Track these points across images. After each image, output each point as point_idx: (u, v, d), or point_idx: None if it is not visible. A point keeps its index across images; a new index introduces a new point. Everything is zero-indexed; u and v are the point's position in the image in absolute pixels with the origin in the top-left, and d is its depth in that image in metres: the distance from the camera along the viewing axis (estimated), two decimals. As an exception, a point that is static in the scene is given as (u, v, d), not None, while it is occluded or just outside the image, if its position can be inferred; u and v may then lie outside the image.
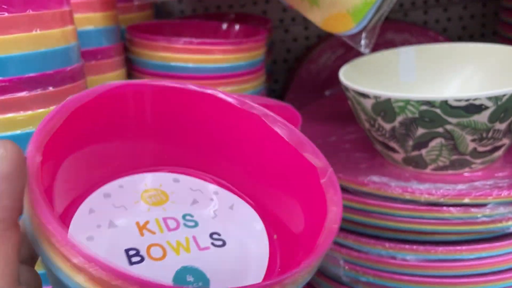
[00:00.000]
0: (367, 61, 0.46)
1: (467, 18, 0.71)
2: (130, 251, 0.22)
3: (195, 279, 0.22)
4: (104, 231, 0.23)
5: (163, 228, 0.23)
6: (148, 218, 0.23)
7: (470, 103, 0.34)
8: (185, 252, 0.22)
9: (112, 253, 0.22)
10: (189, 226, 0.24)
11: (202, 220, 0.24)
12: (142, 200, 0.24)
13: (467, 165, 0.38)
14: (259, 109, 0.25)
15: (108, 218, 0.23)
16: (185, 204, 0.25)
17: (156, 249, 0.22)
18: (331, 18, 0.42)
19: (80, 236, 0.22)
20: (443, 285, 0.36)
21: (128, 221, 0.23)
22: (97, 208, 0.23)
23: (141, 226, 0.23)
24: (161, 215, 0.24)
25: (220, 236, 0.24)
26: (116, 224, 0.23)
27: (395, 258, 0.37)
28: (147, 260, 0.22)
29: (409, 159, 0.39)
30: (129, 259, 0.22)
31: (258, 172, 0.25)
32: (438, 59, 0.48)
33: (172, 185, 0.26)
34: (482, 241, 0.36)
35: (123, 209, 0.24)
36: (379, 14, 0.42)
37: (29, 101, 0.30)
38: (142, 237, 0.23)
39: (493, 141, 0.36)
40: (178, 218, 0.24)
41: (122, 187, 0.25)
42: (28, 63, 0.30)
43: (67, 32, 0.32)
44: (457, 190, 0.35)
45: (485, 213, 0.34)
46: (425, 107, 0.35)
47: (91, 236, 0.22)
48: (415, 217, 0.36)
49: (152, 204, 0.24)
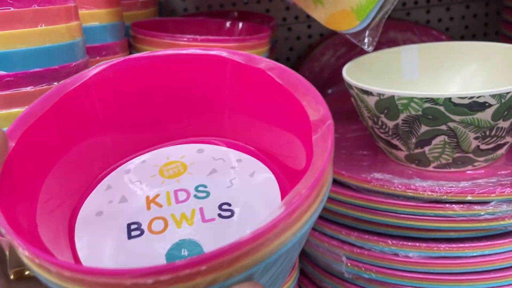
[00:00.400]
0: (370, 59, 0.46)
1: (470, 17, 0.71)
2: (132, 225, 0.22)
3: (190, 253, 0.21)
4: (114, 206, 0.23)
5: (172, 200, 0.23)
6: (159, 192, 0.23)
7: (474, 100, 0.34)
8: (186, 225, 0.22)
9: (114, 228, 0.22)
10: (199, 197, 0.23)
11: (215, 190, 0.24)
12: (159, 174, 0.24)
13: (470, 163, 0.38)
14: (265, 63, 0.24)
15: (121, 194, 0.23)
16: (202, 174, 0.25)
17: (158, 222, 0.22)
18: (335, 16, 0.42)
19: (90, 212, 0.22)
20: (445, 282, 0.36)
21: (139, 196, 0.23)
22: (115, 184, 0.24)
23: (150, 200, 0.23)
24: (174, 187, 0.24)
25: (230, 206, 0.23)
26: (127, 199, 0.23)
27: (398, 255, 0.37)
28: (146, 233, 0.22)
29: (412, 156, 0.39)
30: (128, 233, 0.22)
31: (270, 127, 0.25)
32: (440, 57, 0.48)
33: (194, 156, 0.25)
34: (485, 238, 0.36)
35: (137, 184, 0.24)
36: (383, 12, 0.42)
37: (34, 96, 0.30)
38: (147, 211, 0.23)
39: (496, 139, 0.37)
40: (189, 190, 0.24)
41: (144, 162, 0.25)
42: (33, 58, 0.30)
43: (72, 28, 0.32)
44: (460, 187, 0.35)
45: (488, 211, 0.34)
46: (428, 104, 0.35)
47: (100, 211, 0.23)
48: (418, 214, 0.36)
49: (167, 177, 0.24)
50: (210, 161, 0.25)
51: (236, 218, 0.22)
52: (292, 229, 0.16)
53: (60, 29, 0.31)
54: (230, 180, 0.24)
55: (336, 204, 0.39)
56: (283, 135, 0.24)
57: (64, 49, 0.31)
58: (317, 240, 0.41)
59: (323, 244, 0.41)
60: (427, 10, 0.70)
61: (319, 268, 0.43)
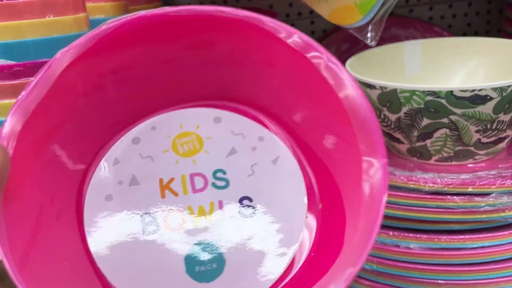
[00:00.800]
0: (373, 54, 0.47)
1: (472, 14, 0.71)
2: (146, 218, 0.21)
3: (210, 259, 0.20)
4: (124, 189, 0.21)
5: (188, 188, 0.21)
6: (174, 175, 0.21)
7: (475, 93, 0.34)
8: (205, 222, 0.21)
9: (127, 219, 0.20)
10: (218, 186, 0.22)
11: (235, 179, 0.22)
12: (172, 148, 0.22)
13: (471, 156, 0.39)
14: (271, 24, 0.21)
15: (132, 172, 0.21)
16: (220, 154, 0.22)
17: (174, 217, 0.21)
18: (338, 10, 0.42)
19: (99, 195, 0.21)
20: (446, 273, 0.37)
21: (152, 177, 0.21)
22: (123, 157, 0.21)
23: (165, 185, 0.21)
24: (189, 170, 0.22)
25: (251, 202, 0.21)
26: (138, 181, 0.21)
27: (399, 246, 0.37)
28: (162, 230, 0.20)
29: (413, 150, 0.39)
30: (143, 228, 0.20)
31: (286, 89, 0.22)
32: (443, 53, 0.48)
33: (211, 126, 0.22)
34: (485, 230, 0.36)
35: (149, 160, 0.22)
36: (386, 7, 0.42)
37: (42, 85, 0.31)
38: (162, 200, 0.21)
39: (497, 132, 0.37)
40: (207, 176, 0.22)
41: (154, 129, 0.22)
42: (41, 49, 0.30)
43: (80, 19, 0.33)
44: (461, 179, 0.35)
45: (489, 202, 0.35)
46: (430, 97, 0.35)
47: (110, 195, 0.21)
48: (419, 206, 0.36)
49: (182, 154, 0.22)
50: (228, 137, 0.22)
51: (258, 219, 0.21)
52: None
53: (68, 20, 0.32)
54: (251, 166, 0.22)
55: (338, 196, 0.40)
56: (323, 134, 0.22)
57: (72, 40, 0.32)
58: (319, 232, 0.42)
59: (325, 236, 0.41)
60: (430, 7, 0.71)
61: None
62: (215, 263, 0.20)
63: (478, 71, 0.47)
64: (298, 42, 0.21)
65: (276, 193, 0.22)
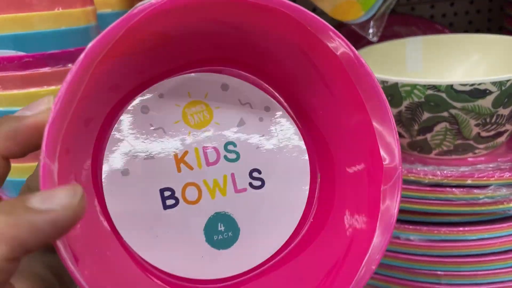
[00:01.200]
0: (374, 50, 0.47)
1: (474, 12, 0.72)
2: (165, 192, 0.22)
3: (226, 228, 0.22)
4: (140, 164, 0.21)
5: (202, 162, 0.22)
6: (188, 148, 0.22)
7: (475, 87, 0.35)
8: (220, 195, 0.22)
9: (147, 194, 0.21)
10: (229, 159, 0.23)
11: (245, 152, 0.23)
12: (183, 119, 0.22)
13: (471, 150, 0.39)
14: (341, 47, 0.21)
15: (145, 146, 0.22)
16: (230, 126, 0.23)
17: (191, 190, 0.22)
18: (341, 6, 0.43)
19: (115, 169, 0.21)
20: (446, 264, 0.37)
21: (166, 151, 0.22)
22: (134, 128, 0.22)
23: (179, 158, 0.22)
24: (202, 143, 0.22)
25: (260, 174, 0.23)
26: (153, 155, 0.22)
27: (399, 238, 0.38)
28: (182, 203, 0.22)
29: (414, 143, 0.40)
30: (163, 202, 0.21)
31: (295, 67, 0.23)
32: (444, 49, 0.49)
33: (219, 94, 0.23)
34: (484, 222, 0.37)
35: (161, 132, 0.22)
36: (388, 3, 0.43)
37: (51, 76, 0.31)
38: (179, 174, 0.22)
39: (496, 126, 0.38)
40: (219, 149, 0.23)
41: (162, 96, 0.22)
42: (50, 40, 0.31)
43: (88, 12, 0.33)
44: (460, 172, 0.36)
45: (487, 195, 0.35)
46: (431, 91, 0.36)
47: (126, 169, 0.21)
48: (419, 198, 0.37)
49: (194, 125, 0.23)
50: (236, 106, 0.23)
51: (266, 189, 0.23)
52: None
53: (76, 13, 0.32)
54: (259, 138, 0.23)
55: (340, 189, 0.40)
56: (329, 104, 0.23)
57: (80, 32, 0.33)
58: (321, 224, 0.43)
59: (326, 228, 0.42)
60: (432, 5, 0.71)
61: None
62: (231, 231, 0.22)
63: (478, 67, 0.47)
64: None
65: (281, 164, 0.23)
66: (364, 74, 0.21)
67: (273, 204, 0.23)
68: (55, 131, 0.17)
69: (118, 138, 0.21)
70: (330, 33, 0.21)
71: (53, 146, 0.17)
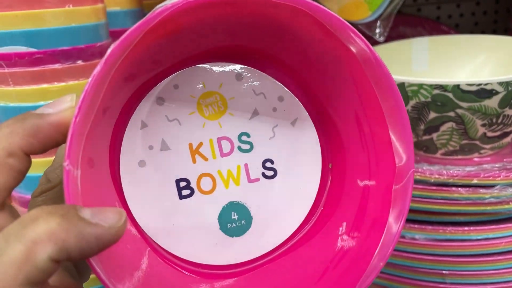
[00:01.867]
0: (381, 50, 0.48)
1: (480, 14, 0.72)
2: (181, 182, 0.22)
3: (239, 217, 0.23)
4: (156, 155, 0.22)
5: (216, 152, 0.23)
6: (202, 139, 0.23)
7: (482, 87, 0.35)
8: (234, 185, 0.23)
9: (163, 184, 0.22)
10: (243, 150, 0.23)
11: (258, 142, 0.24)
12: (198, 110, 0.23)
13: (477, 150, 0.39)
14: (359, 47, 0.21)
15: (161, 136, 0.22)
16: (244, 116, 0.23)
17: (206, 181, 0.23)
18: (348, 6, 0.43)
19: (132, 160, 0.22)
20: (451, 263, 0.37)
21: (182, 142, 0.22)
22: (150, 121, 0.22)
23: (194, 150, 0.23)
24: (216, 134, 0.23)
25: (272, 164, 0.24)
26: (169, 146, 0.22)
27: (405, 237, 0.38)
28: (197, 193, 0.23)
29: (420, 143, 0.40)
30: (179, 192, 0.22)
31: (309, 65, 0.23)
32: (450, 50, 0.49)
33: (233, 85, 0.23)
34: (489, 222, 0.37)
35: (176, 123, 0.22)
36: (394, 3, 0.43)
37: (62, 72, 0.32)
38: (194, 165, 0.23)
39: (502, 127, 0.38)
40: (233, 139, 0.23)
41: (177, 87, 0.22)
42: (61, 37, 0.32)
43: (98, 10, 0.34)
44: (466, 171, 0.36)
45: (493, 194, 0.35)
46: (437, 91, 0.36)
47: (143, 160, 0.22)
48: (425, 197, 0.37)
49: (208, 117, 0.23)
50: (250, 96, 0.23)
51: (278, 179, 0.24)
52: None
53: (86, 10, 0.33)
54: (272, 128, 0.24)
55: (345, 187, 0.41)
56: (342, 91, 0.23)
57: (90, 29, 0.33)
58: (326, 223, 0.43)
59: (331, 227, 0.42)
60: (438, 6, 0.71)
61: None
62: (244, 219, 0.23)
63: (484, 68, 0.47)
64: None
65: (294, 154, 0.24)
66: (382, 74, 0.21)
67: (285, 193, 0.24)
68: (78, 135, 0.17)
69: (134, 130, 0.22)
70: (349, 33, 0.21)
71: (77, 151, 0.17)
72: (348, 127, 0.23)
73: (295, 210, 0.24)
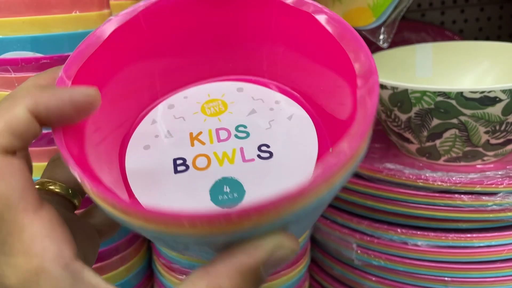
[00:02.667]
0: (384, 56, 0.48)
1: (484, 19, 0.72)
2: (177, 160, 0.24)
3: (231, 190, 0.23)
4: (160, 141, 0.25)
5: (214, 139, 0.25)
6: (202, 129, 0.25)
7: (485, 95, 0.35)
8: (228, 163, 0.24)
9: (162, 162, 0.24)
10: (239, 137, 0.25)
11: (255, 131, 0.25)
12: (201, 111, 0.26)
13: (480, 157, 0.39)
14: (314, 8, 0.24)
15: (167, 129, 0.25)
16: (242, 114, 0.26)
17: (201, 159, 0.24)
18: (352, 12, 0.43)
19: (138, 145, 0.24)
20: (453, 270, 0.37)
21: (184, 131, 0.25)
22: (159, 118, 0.25)
23: (194, 137, 0.25)
24: (215, 125, 0.25)
25: (268, 148, 0.24)
26: (172, 135, 0.25)
27: (407, 243, 0.38)
28: (191, 169, 0.24)
29: (423, 150, 0.40)
30: (175, 168, 0.24)
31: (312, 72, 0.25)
32: (454, 56, 0.49)
33: (234, 94, 0.26)
34: (492, 229, 0.37)
35: (181, 120, 0.25)
36: (399, 10, 0.43)
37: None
38: (191, 147, 0.24)
39: (505, 134, 0.38)
40: (230, 129, 0.25)
41: (186, 97, 0.26)
42: (67, 42, 0.32)
43: (104, 16, 0.34)
44: (469, 178, 0.36)
45: (496, 202, 0.35)
46: (441, 98, 0.36)
47: (147, 145, 0.24)
48: (428, 204, 0.37)
49: (209, 114, 0.26)
50: (249, 101, 0.26)
51: (274, 159, 0.24)
52: (330, 184, 0.17)
53: (93, 16, 0.33)
54: (269, 122, 0.25)
55: (348, 193, 0.41)
56: (326, 82, 0.24)
57: (96, 35, 0.33)
58: (329, 228, 0.43)
59: (334, 232, 0.42)
60: (442, 11, 0.72)
61: (330, 255, 0.44)
62: (236, 193, 0.23)
63: (488, 74, 0.48)
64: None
65: (290, 140, 0.25)
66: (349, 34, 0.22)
67: (281, 170, 0.24)
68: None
69: (145, 125, 0.25)
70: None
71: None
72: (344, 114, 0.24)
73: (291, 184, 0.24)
